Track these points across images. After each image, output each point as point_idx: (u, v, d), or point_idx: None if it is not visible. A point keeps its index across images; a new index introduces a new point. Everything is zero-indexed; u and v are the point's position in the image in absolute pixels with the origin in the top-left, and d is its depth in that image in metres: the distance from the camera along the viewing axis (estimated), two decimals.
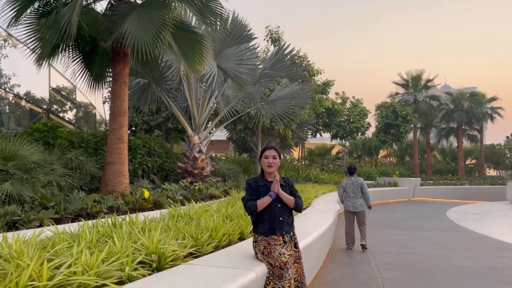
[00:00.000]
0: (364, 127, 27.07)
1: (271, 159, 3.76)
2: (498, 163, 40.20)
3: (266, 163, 3.76)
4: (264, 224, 3.70)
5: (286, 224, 3.77)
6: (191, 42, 7.92)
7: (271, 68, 11.81)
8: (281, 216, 3.71)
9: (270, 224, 3.68)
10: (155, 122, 15.78)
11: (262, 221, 3.72)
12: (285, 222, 3.75)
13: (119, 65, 7.66)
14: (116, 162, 7.50)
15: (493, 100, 34.20)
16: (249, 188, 3.78)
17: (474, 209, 19.39)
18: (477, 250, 9.08)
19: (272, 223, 3.68)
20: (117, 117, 7.62)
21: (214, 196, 9.77)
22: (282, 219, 3.71)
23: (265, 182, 3.76)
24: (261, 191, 3.71)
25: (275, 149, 3.85)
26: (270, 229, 3.67)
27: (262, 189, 3.72)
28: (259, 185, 3.75)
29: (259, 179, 3.81)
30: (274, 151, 3.80)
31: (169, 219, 5.20)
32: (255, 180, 3.82)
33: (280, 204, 3.72)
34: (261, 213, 3.69)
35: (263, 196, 3.68)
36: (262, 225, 3.70)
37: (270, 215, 3.68)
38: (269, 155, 3.77)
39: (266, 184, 3.74)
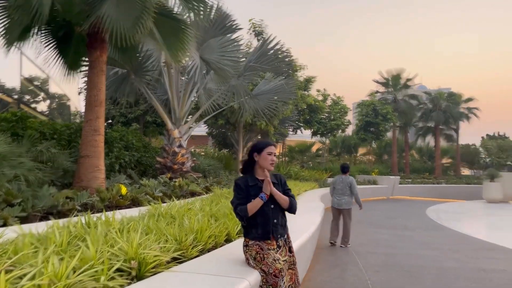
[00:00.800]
0: (344, 124, 27.01)
1: (274, 156, 3.39)
2: (472, 163, 40.97)
3: (269, 161, 3.34)
4: (257, 228, 3.31)
5: (281, 227, 3.39)
6: (174, 29, 7.45)
7: (256, 61, 11.42)
8: (275, 218, 3.33)
9: (263, 228, 3.30)
10: (133, 114, 15.19)
11: (254, 225, 3.32)
12: (279, 224, 3.37)
13: (96, 51, 7.13)
14: (91, 156, 6.99)
15: (470, 100, 34.71)
16: (238, 190, 3.37)
17: (453, 208, 19.54)
18: (462, 251, 8.96)
19: (265, 227, 3.30)
20: (93, 107, 7.10)
21: (195, 193, 9.35)
22: (276, 221, 3.33)
23: (255, 181, 3.36)
24: (251, 192, 3.30)
25: (275, 145, 3.56)
26: (263, 233, 3.30)
27: (252, 190, 3.31)
28: (249, 185, 3.34)
29: (249, 178, 3.40)
30: (275, 148, 3.49)
31: (149, 218, 4.77)
32: (245, 179, 3.40)
33: (273, 205, 3.33)
34: (252, 216, 3.31)
35: (254, 197, 3.28)
36: (255, 230, 3.32)
37: (263, 218, 3.30)
38: (273, 152, 3.39)
39: (257, 183, 3.34)
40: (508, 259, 8.14)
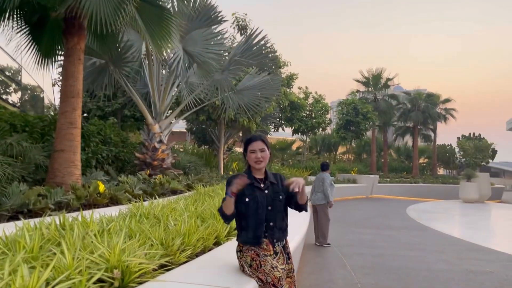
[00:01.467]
0: (325, 123, 26.92)
1: (259, 153, 2.99)
2: (448, 163, 41.68)
3: (253, 159, 3.00)
4: (247, 231, 2.97)
5: (278, 230, 3.03)
6: (158, 18, 7.03)
7: (242, 55, 11.05)
8: (271, 221, 2.99)
9: (254, 231, 2.95)
10: (110, 108, 14.59)
11: (245, 227, 2.99)
12: (276, 227, 3.01)
13: (73, 38, 6.65)
14: (66, 150, 6.52)
15: (447, 101, 35.24)
16: (227, 188, 2.97)
17: (432, 208, 19.71)
18: (448, 252, 8.87)
19: (257, 230, 2.95)
20: (69, 98, 6.62)
21: (177, 191, 8.95)
22: (272, 224, 2.99)
23: (252, 179, 2.99)
24: (246, 192, 2.95)
25: (262, 139, 3.05)
26: (254, 237, 2.95)
27: (248, 189, 2.95)
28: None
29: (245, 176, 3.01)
30: (261, 143, 3.02)
31: (131, 219, 4.38)
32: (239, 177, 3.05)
33: (271, 206, 2.99)
34: (244, 216, 2.98)
35: (248, 197, 2.95)
36: (245, 232, 2.98)
37: (255, 220, 2.95)
38: (256, 148, 3.00)
39: (253, 182, 2.98)
40: (494, 261, 8.07)
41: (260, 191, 2.98)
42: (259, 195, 2.96)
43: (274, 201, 3.01)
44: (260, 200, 2.95)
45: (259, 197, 2.96)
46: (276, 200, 3.02)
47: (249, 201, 2.95)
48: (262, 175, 3.08)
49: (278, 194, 3.04)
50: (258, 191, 2.97)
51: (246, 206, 2.96)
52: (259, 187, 2.99)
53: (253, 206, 2.95)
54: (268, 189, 3.02)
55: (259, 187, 2.99)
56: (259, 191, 2.98)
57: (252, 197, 2.96)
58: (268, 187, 3.03)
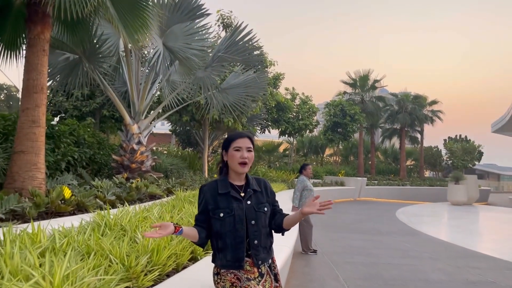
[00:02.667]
0: (312, 124, 26.46)
1: (245, 153, 2.35)
2: (434, 165, 41.68)
3: (238, 159, 2.34)
4: (224, 252, 2.32)
5: (263, 249, 2.40)
6: (132, 5, 6.40)
7: (226, 51, 10.43)
8: (255, 238, 2.35)
9: (233, 252, 2.31)
10: (88, 108, 13.84)
11: (222, 249, 2.33)
12: (261, 246, 2.38)
13: (37, 27, 5.97)
14: (27, 151, 5.82)
15: (434, 103, 35.16)
16: (201, 201, 2.40)
17: (421, 211, 19.36)
18: (443, 259, 8.39)
19: (237, 251, 2.31)
20: (31, 94, 5.94)
21: (155, 196, 8.30)
22: (257, 242, 2.36)
23: (228, 188, 2.37)
24: (220, 205, 2.32)
25: (249, 137, 2.42)
26: (234, 260, 2.31)
27: (223, 201, 2.33)
28: (218, 193, 2.35)
29: (219, 183, 2.40)
30: (248, 141, 2.39)
31: (92, 231, 3.75)
32: (213, 185, 2.40)
33: (255, 221, 2.35)
34: (219, 235, 2.33)
35: (223, 211, 2.31)
36: (222, 255, 2.33)
37: (233, 239, 2.31)
38: (243, 146, 2.35)
39: (229, 192, 2.35)
40: (493, 269, 7.62)
41: (238, 202, 2.35)
42: (236, 208, 2.33)
43: (258, 213, 2.38)
44: (237, 214, 2.32)
45: (237, 210, 2.33)
46: (260, 212, 2.40)
47: (224, 217, 2.31)
48: (243, 181, 2.44)
49: (263, 206, 2.42)
50: (236, 203, 2.34)
51: (221, 222, 2.32)
52: (236, 197, 2.35)
53: (229, 222, 2.31)
54: (251, 199, 2.38)
55: (236, 197, 2.35)
56: (237, 202, 2.34)
57: (228, 211, 2.32)
58: (250, 196, 2.39)
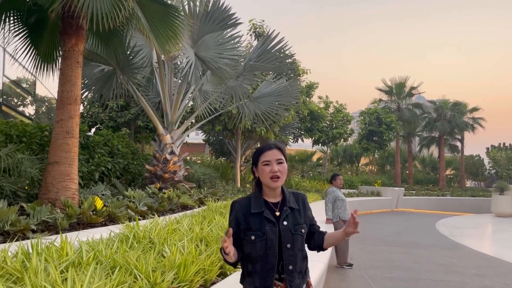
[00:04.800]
0: (347, 133, 25.95)
1: (275, 166, 2.10)
2: (476, 174, 39.95)
3: (268, 174, 2.10)
4: (253, 277, 2.11)
5: (298, 275, 2.15)
6: (163, 15, 6.40)
7: (257, 60, 10.34)
8: (290, 263, 2.10)
9: (262, 280, 2.08)
10: (123, 119, 14.10)
11: (251, 273, 2.12)
12: (296, 271, 2.13)
13: (71, 39, 6.07)
14: (61, 162, 5.88)
15: (475, 110, 33.76)
16: (232, 220, 2.17)
17: (463, 223, 18.44)
18: (490, 276, 7.85)
19: (266, 279, 2.08)
20: (65, 105, 6.01)
21: (187, 206, 8.24)
22: (292, 267, 2.11)
23: (261, 207, 2.13)
24: (252, 225, 2.09)
25: (279, 147, 2.17)
26: (262, 287, 2.09)
27: (255, 222, 2.10)
28: (250, 212, 2.12)
29: (252, 201, 2.16)
30: (277, 152, 2.14)
31: (120, 244, 3.67)
32: (246, 203, 2.17)
33: (291, 244, 2.10)
34: (249, 258, 2.11)
35: (255, 234, 2.08)
36: (251, 279, 2.12)
37: (264, 264, 2.08)
38: (272, 159, 2.11)
39: (263, 211, 2.11)
40: None
41: (272, 224, 2.10)
42: (269, 231, 2.08)
43: (295, 236, 2.13)
44: (270, 238, 2.07)
45: (270, 234, 2.08)
46: (298, 234, 2.15)
47: (256, 240, 2.08)
48: (278, 198, 2.19)
49: (300, 227, 2.16)
50: (269, 225, 2.09)
51: (252, 245, 2.09)
52: (269, 219, 2.10)
53: (261, 247, 2.07)
54: (287, 219, 2.13)
55: (269, 219, 2.10)
56: (270, 224, 2.10)
57: (260, 234, 2.08)
58: (287, 215, 2.14)
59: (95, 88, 9.79)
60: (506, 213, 21.89)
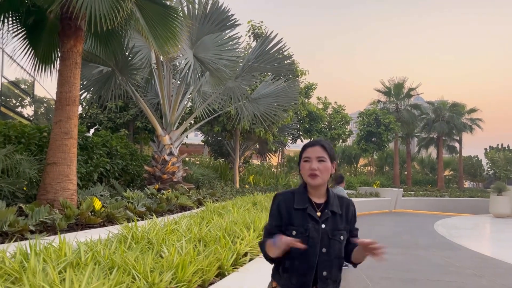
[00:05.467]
0: (345, 134, 25.98)
1: (314, 163, 2.03)
2: (474, 175, 39.98)
3: (307, 171, 2.03)
4: (290, 274, 2.04)
5: (333, 284, 2.08)
6: (162, 16, 6.42)
7: (256, 61, 10.38)
8: (325, 269, 2.02)
9: (300, 277, 2.02)
10: (121, 120, 14.11)
11: (289, 269, 2.05)
12: (330, 279, 2.05)
13: (70, 41, 6.08)
14: (60, 163, 5.89)
15: (473, 111, 33.83)
16: (274, 212, 2.10)
17: (461, 223, 18.46)
18: (488, 276, 7.86)
19: (304, 277, 2.02)
20: (64, 106, 6.03)
21: (186, 207, 8.25)
22: (326, 274, 2.03)
23: (306, 203, 2.04)
24: (294, 220, 2.03)
25: (322, 144, 2.09)
26: (299, 286, 2.02)
27: (298, 217, 2.03)
28: (293, 207, 2.04)
29: (296, 196, 2.07)
30: (320, 149, 2.07)
31: (118, 244, 3.68)
32: (289, 197, 2.09)
33: (326, 249, 2.02)
34: (288, 255, 2.02)
35: (297, 230, 2.01)
36: (288, 276, 2.04)
37: (302, 263, 2.02)
38: (312, 156, 2.05)
39: (307, 207, 2.03)
40: None
41: (315, 222, 2.02)
42: (312, 229, 2.01)
43: (332, 241, 2.04)
44: (312, 236, 2.00)
45: (312, 232, 2.00)
46: (335, 240, 2.05)
47: (297, 236, 1.99)
48: (322, 199, 2.09)
49: (339, 233, 2.07)
50: (312, 223, 2.01)
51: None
52: (313, 216, 2.02)
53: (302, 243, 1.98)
54: (327, 222, 2.04)
55: (313, 216, 2.02)
56: (314, 222, 2.02)
57: (302, 231, 2.01)
58: (327, 218, 2.05)
59: (93, 89, 9.81)
60: (504, 213, 21.91)
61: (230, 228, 4.91)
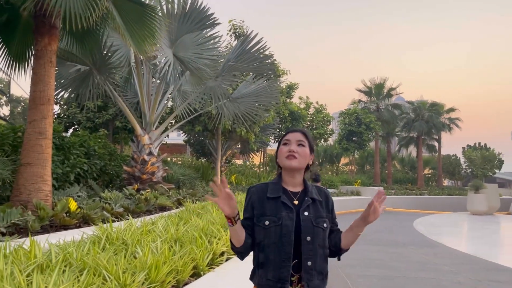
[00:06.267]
0: (327, 133, 26.17)
1: (294, 145, 1.97)
2: (453, 174, 40.76)
3: (284, 153, 1.97)
4: (265, 269, 1.92)
5: (319, 275, 1.95)
6: (139, 15, 6.35)
7: (236, 60, 10.35)
8: (310, 259, 1.91)
9: (276, 271, 1.89)
10: (101, 119, 13.90)
11: (263, 264, 1.93)
12: (315, 270, 1.93)
13: (44, 39, 5.96)
14: (34, 163, 5.77)
15: (452, 111, 34.50)
16: (246, 204, 2.04)
17: (439, 221, 18.83)
18: (463, 272, 8.03)
19: (281, 270, 1.88)
20: (38, 106, 5.91)
21: (165, 207, 8.19)
22: (311, 263, 1.91)
23: (279, 192, 1.97)
24: (267, 211, 1.93)
25: (303, 132, 2.05)
26: (276, 280, 1.88)
27: (270, 207, 1.94)
28: (267, 197, 1.97)
29: (270, 186, 2.01)
30: (301, 135, 2.01)
31: (91, 245, 3.62)
32: (262, 188, 2.03)
33: (311, 237, 1.91)
34: (261, 247, 1.94)
35: (269, 219, 1.92)
36: (262, 271, 1.93)
37: (278, 254, 1.89)
38: (292, 139, 1.99)
39: (279, 196, 1.95)
40: None
41: (289, 210, 1.93)
42: (285, 217, 1.91)
43: (316, 229, 1.94)
44: (285, 224, 1.90)
45: (285, 219, 1.91)
46: (319, 228, 1.96)
47: (270, 225, 1.91)
48: (298, 188, 2.02)
49: (323, 220, 1.99)
50: (286, 211, 1.92)
51: (265, 232, 1.92)
52: (287, 204, 1.94)
53: (275, 233, 1.90)
54: (309, 209, 1.95)
55: (287, 204, 1.94)
56: (287, 210, 1.93)
57: (275, 219, 1.92)
58: (308, 206, 1.96)
59: (71, 88, 9.63)
60: (481, 211, 22.44)
61: (207, 228, 4.89)
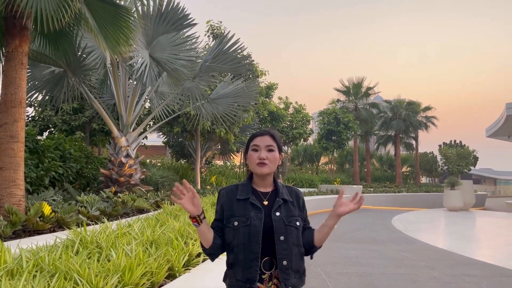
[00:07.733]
0: (307, 133, 26.36)
1: (264, 152, 1.98)
2: (430, 171, 41.62)
3: (255, 160, 1.99)
4: (235, 270, 1.94)
5: (295, 274, 1.97)
6: (113, 16, 6.28)
7: (213, 61, 10.33)
8: (285, 258, 1.93)
9: (245, 271, 1.91)
10: (77, 122, 13.68)
11: (233, 264, 1.96)
12: (291, 269, 1.94)
13: (15, 40, 5.84)
14: (6, 168, 5.65)
15: (428, 109, 35.21)
16: (217, 207, 2.07)
17: (417, 218, 19.19)
18: (439, 267, 8.22)
19: (248, 270, 1.90)
20: (9, 108, 5.78)
21: (143, 210, 8.12)
22: (287, 263, 1.93)
23: (249, 193, 2.00)
24: (236, 212, 1.96)
25: (271, 134, 2.05)
26: (245, 280, 1.89)
27: (239, 208, 1.97)
28: (236, 199, 2.00)
29: (240, 188, 2.05)
30: (269, 138, 2.02)
31: (64, 250, 3.57)
32: (232, 189, 2.06)
33: (284, 236, 1.94)
34: (231, 247, 1.97)
35: (238, 220, 1.94)
36: (232, 272, 1.96)
37: (246, 254, 1.91)
38: (261, 144, 2.00)
39: (249, 197, 1.99)
40: (489, 276, 7.45)
41: (258, 210, 1.96)
42: (254, 217, 1.94)
43: (288, 228, 1.97)
44: (254, 224, 1.92)
45: (254, 220, 1.94)
46: (292, 226, 1.99)
47: (238, 226, 1.94)
48: (268, 188, 2.06)
49: (295, 219, 2.02)
50: (254, 211, 1.95)
51: (234, 233, 1.95)
52: (256, 205, 1.97)
53: (243, 233, 1.93)
54: (280, 210, 1.99)
55: (256, 205, 1.97)
56: (256, 210, 1.96)
57: (243, 220, 1.94)
58: (279, 206, 1.99)
59: (45, 90, 9.46)
60: (456, 207, 22.96)
61: (184, 230, 4.88)
